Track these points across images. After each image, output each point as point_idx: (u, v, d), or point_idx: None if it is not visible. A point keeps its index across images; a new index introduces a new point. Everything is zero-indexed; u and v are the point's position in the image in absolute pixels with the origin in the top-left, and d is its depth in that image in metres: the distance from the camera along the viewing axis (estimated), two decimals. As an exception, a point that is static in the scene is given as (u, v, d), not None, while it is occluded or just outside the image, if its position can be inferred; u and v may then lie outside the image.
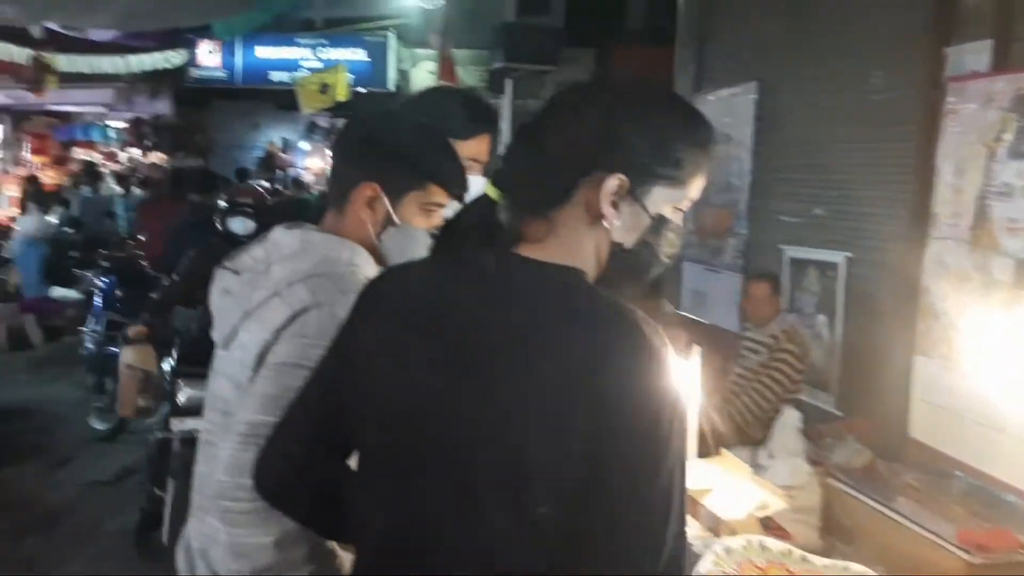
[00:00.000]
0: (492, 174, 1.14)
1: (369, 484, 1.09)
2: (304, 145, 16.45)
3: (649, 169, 1.05)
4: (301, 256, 1.41)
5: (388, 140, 1.49)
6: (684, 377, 2.04)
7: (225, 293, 1.48)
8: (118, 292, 5.81)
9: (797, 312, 4.17)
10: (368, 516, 1.09)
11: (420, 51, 11.37)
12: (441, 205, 1.51)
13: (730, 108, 5.05)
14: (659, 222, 1.07)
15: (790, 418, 3.02)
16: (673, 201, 1.09)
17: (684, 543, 0.99)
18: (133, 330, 4.76)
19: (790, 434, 2.98)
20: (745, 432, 3.48)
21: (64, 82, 10.53)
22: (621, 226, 1.05)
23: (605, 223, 1.04)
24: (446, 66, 9.14)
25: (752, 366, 3.77)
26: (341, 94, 10.28)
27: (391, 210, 1.46)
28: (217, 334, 1.48)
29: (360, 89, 11.16)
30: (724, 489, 2.07)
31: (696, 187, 1.10)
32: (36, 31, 8.81)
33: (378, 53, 11.98)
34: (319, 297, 1.33)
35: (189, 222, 5.72)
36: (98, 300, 5.89)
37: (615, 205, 1.03)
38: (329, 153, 14.73)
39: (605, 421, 0.91)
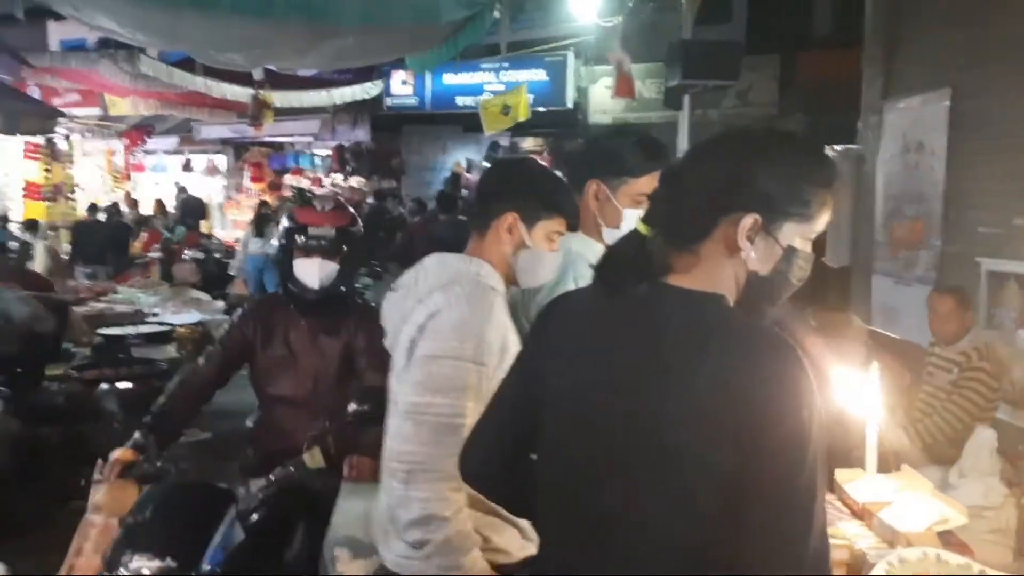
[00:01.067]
0: (643, 213, 1.33)
1: (548, 477, 1.32)
2: (486, 164, 17.19)
3: (781, 208, 1.21)
4: (440, 271, 1.79)
5: (527, 180, 1.87)
6: (861, 391, 2.10)
7: (390, 307, 1.87)
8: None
9: (996, 328, 3.96)
10: (548, 504, 1.32)
11: (598, 68, 11.62)
12: (561, 233, 1.86)
13: (921, 115, 4.86)
14: (790, 253, 1.23)
15: (984, 438, 2.93)
16: (802, 234, 1.24)
17: (827, 541, 1.14)
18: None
19: (984, 454, 2.89)
20: (935, 451, 3.37)
21: (278, 115, 11.77)
22: (757, 257, 1.22)
23: (743, 255, 1.21)
24: (624, 81, 9.27)
25: (942, 384, 3.62)
26: (522, 114, 10.72)
27: (525, 235, 1.80)
28: (387, 341, 1.88)
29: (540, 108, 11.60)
30: (903, 503, 2.09)
31: (822, 220, 1.25)
32: (257, 73, 9.95)
33: (557, 72, 12.37)
34: (450, 300, 1.70)
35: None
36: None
37: (751, 240, 1.20)
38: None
39: (751, 427, 1.08)
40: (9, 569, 3.02)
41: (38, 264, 8.44)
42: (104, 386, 4.81)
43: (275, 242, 3.05)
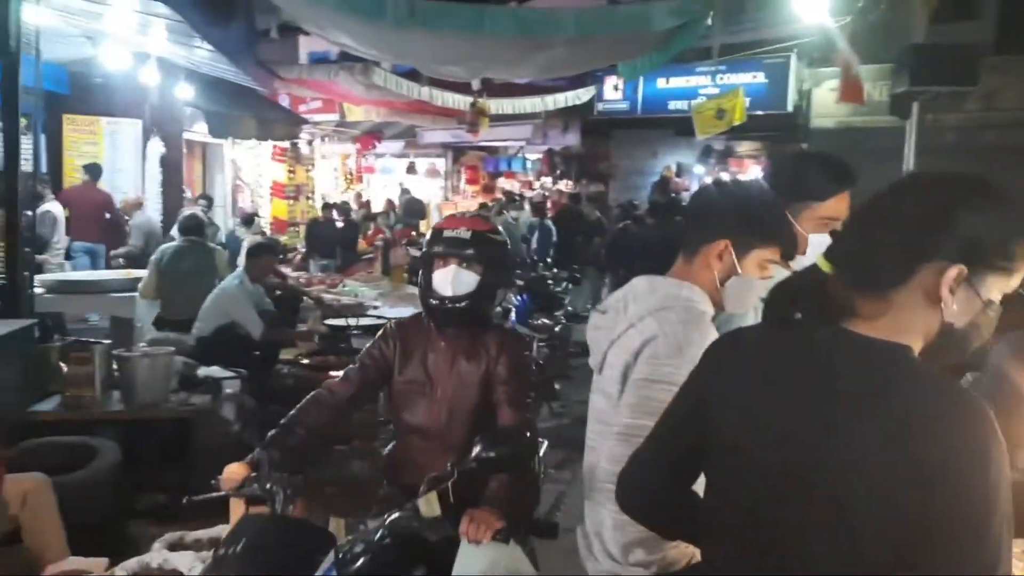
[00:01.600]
0: (826, 248, 1.28)
1: (718, 510, 1.32)
2: (699, 169, 16.84)
3: (987, 261, 1.15)
4: (649, 296, 1.77)
5: (742, 207, 1.78)
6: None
7: (596, 328, 1.88)
8: (530, 309, 6.65)
9: None
10: (717, 535, 1.32)
11: (822, 70, 10.98)
12: (775, 262, 1.77)
13: None
14: (988, 306, 1.17)
15: None
16: (1003, 288, 1.17)
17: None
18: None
19: None
20: None
21: (493, 121, 12.27)
22: (955, 310, 1.15)
23: (942, 306, 1.14)
24: (851, 85, 8.69)
25: None
26: (738, 118, 10.37)
27: (736, 263, 1.75)
28: (592, 360, 1.89)
29: (757, 112, 11.17)
30: None
31: (1021, 274, 1.18)
32: (475, 83, 10.43)
33: (777, 75, 11.84)
34: (664, 327, 1.69)
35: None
36: (513, 315, 6.81)
37: (952, 291, 1.14)
38: (723, 177, 14.84)
39: (932, 482, 1.03)
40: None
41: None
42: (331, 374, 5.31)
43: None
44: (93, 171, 8.77)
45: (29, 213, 5.44)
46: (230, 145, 12.86)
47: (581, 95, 12.53)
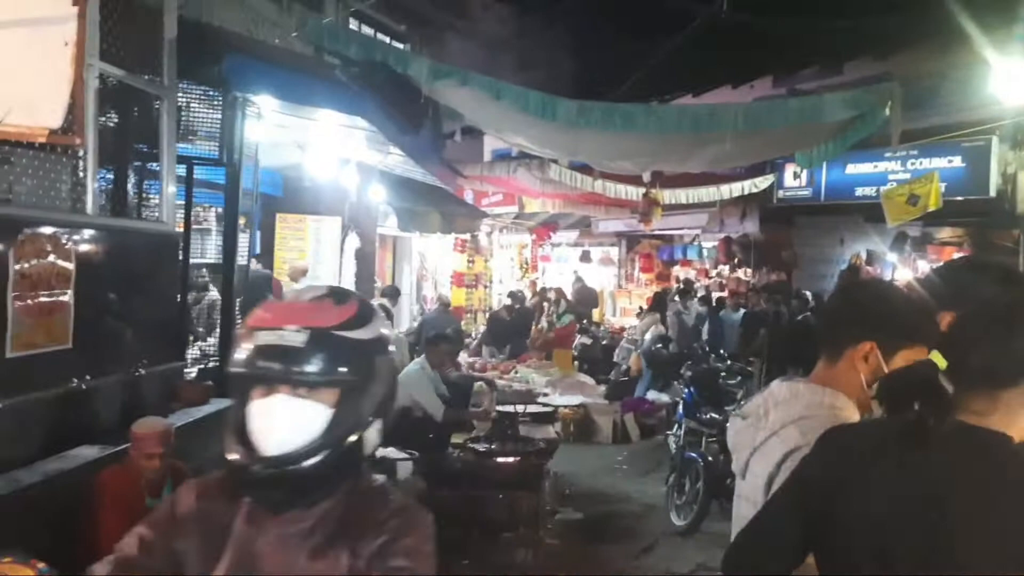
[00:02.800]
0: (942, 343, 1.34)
1: None
2: (892, 257, 15.87)
3: None
4: (791, 402, 1.74)
5: (887, 306, 1.76)
6: None
7: (737, 433, 1.88)
8: (697, 402, 6.50)
9: None
10: None
11: (1030, 152, 10.18)
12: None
13: None
14: None
15: None
16: None
17: None
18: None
19: None
20: None
21: (667, 210, 12.33)
22: None
23: None
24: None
25: None
26: (933, 203, 9.78)
27: (883, 364, 1.71)
28: (735, 466, 1.89)
29: (957, 198, 10.49)
30: None
31: None
32: (646, 176, 10.61)
33: (977, 158, 11.10)
34: (808, 437, 1.63)
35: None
36: (681, 408, 6.69)
37: None
38: (921, 265, 13.82)
39: None
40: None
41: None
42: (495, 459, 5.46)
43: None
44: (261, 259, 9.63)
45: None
46: (417, 238, 13.75)
47: (759, 183, 12.36)
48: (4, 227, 3.69)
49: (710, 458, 5.93)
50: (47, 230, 3.95)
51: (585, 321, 13.47)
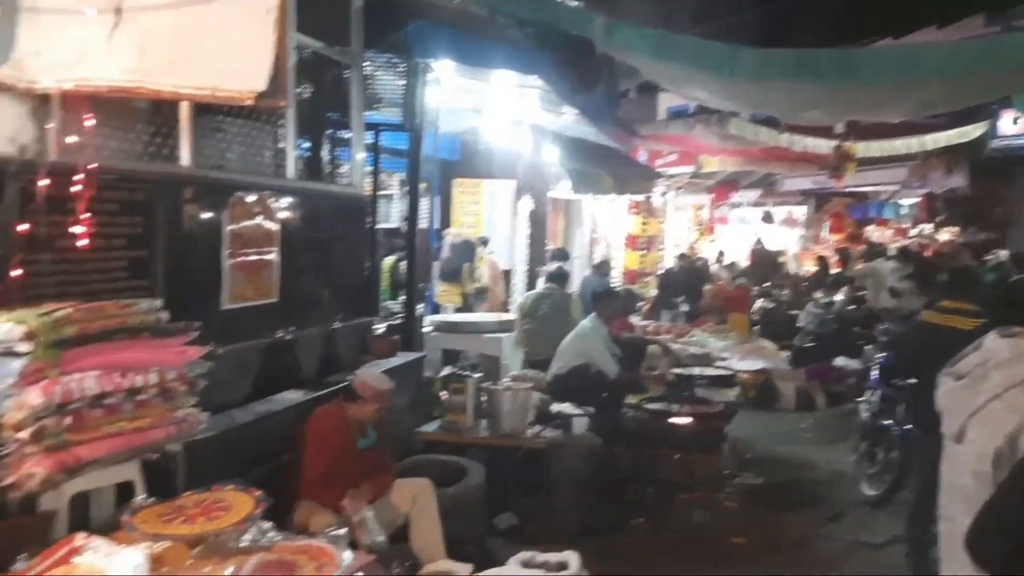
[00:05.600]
0: None
1: None
2: None
3: None
4: (1016, 363, 1.60)
5: None
6: None
7: (949, 395, 1.74)
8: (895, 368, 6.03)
9: None
10: None
11: None
12: None
13: None
14: None
15: None
16: None
17: None
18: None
19: None
20: None
21: (861, 165, 11.47)
22: None
23: None
24: None
25: None
26: None
27: None
28: (947, 428, 1.75)
29: None
30: None
31: None
32: (838, 127, 9.90)
33: None
34: None
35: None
36: (875, 373, 6.25)
37: None
38: None
39: None
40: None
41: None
42: (671, 420, 5.40)
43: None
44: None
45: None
46: (590, 200, 13.72)
47: (969, 132, 11.20)
48: (218, 191, 4.07)
49: (907, 426, 5.51)
50: (254, 194, 4.31)
51: (767, 284, 12.90)
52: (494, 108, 8.22)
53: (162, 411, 3.09)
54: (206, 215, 3.98)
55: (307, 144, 5.29)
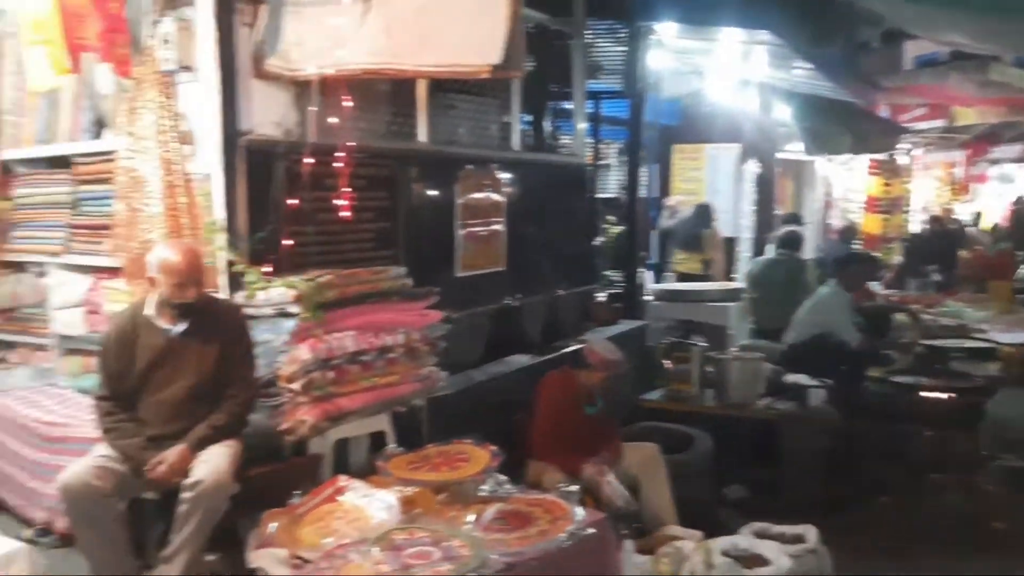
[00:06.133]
0: None
1: None
2: None
3: None
4: None
5: None
6: None
7: None
8: None
9: None
10: None
11: None
12: None
13: None
14: None
15: None
16: None
17: None
18: None
19: None
20: None
21: None
22: None
23: None
24: None
25: None
26: None
27: None
28: None
29: None
30: None
31: None
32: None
33: None
34: None
35: None
36: None
37: None
38: None
39: None
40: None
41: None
42: (921, 394, 4.96)
43: None
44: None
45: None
46: (822, 162, 12.84)
47: None
48: (451, 165, 4.30)
49: None
50: (482, 166, 4.50)
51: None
52: (719, 68, 7.93)
53: (408, 369, 3.36)
54: (440, 188, 4.22)
55: (530, 116, 5.41)
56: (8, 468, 3.54)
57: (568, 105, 5.91)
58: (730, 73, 8.13)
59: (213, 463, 2.68)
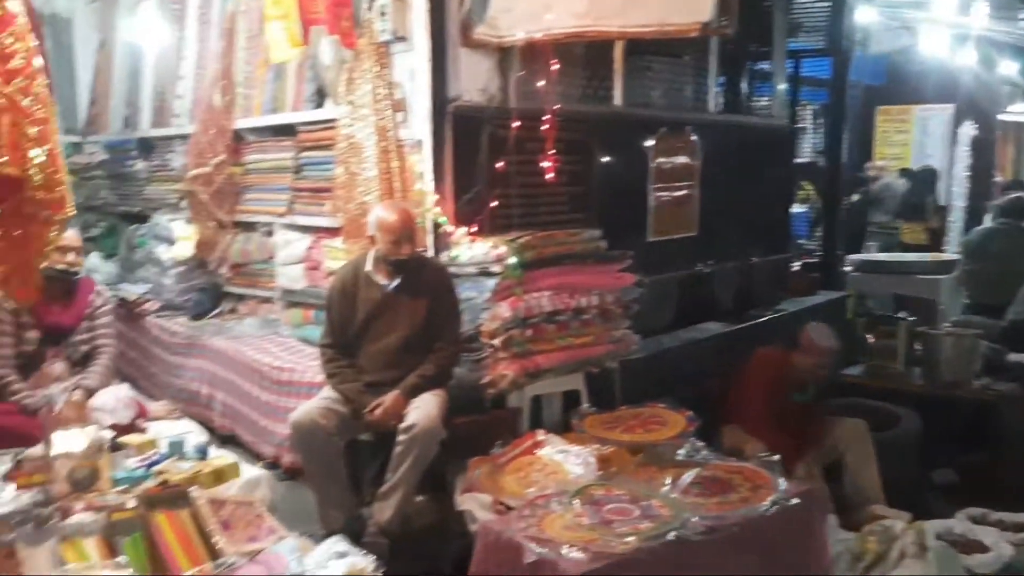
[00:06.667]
0: None
1: None
2: None
3: None
4: None
5: None
6: None
7: None
8: None
9: None
10: None
11: None
12: None
13: None
14: None
15: None
16: None
17: None
18: None
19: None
20: None
21: None
22: None
23: None
24: None
25: None
26: None
27: None
28: None
29: None
30: None
31: None
32: None
33: None
34: None
35: None
36: None
37: None
38: None
39: None
40: None
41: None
42: None
43: None
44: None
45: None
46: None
47: None
48: (645, 128, 4.26)
49: None
50: (677, 129, 4.42)
51: None
52: (932, 22, 7.27)
53: (602, 330, 3.41)
54: (634, 151, 4.20)
55: (727, 78, 5.23)
56: (241, 407, 3.95)
57: (766, 66, 5.66)
58: (945, 26, 7.42)
59: (425, 409, 2.86)
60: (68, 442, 2.38)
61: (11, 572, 1.97)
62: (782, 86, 5.52)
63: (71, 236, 3.25)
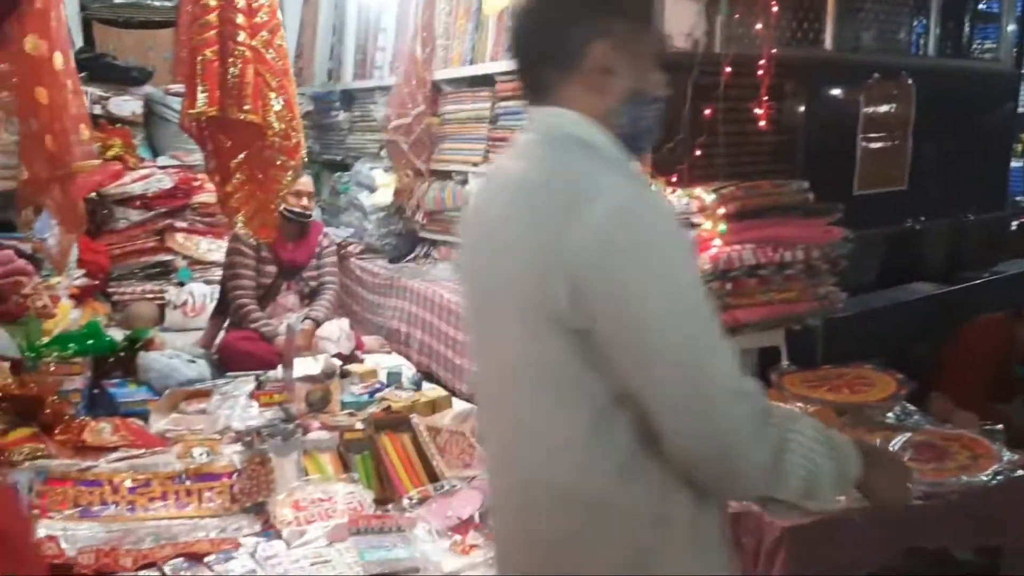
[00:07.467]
0: None
1: None
2: None
3: None
4: None
5: None
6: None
7: None
8: None
9: None
10: None
11: None
12: None
13: None
14: None
15: None
16: None
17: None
18: None
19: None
20: None
21: None
22: None
23: None
24: None
25: None
26: None
27: None
28: None
29: None
30: None
31: None
32: None
33: None
34: None
35: None
36: None
37: None
38: None
39: None
40: None
41: None
42: None
43: None
44: None
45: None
46: None
47: None
48: (856, 73, 4.00)
49: None
50: (891, 75, 4.12)
51: None
52: None
53: (806, 286, 3.28)
54: (843, 98, 3.96)
55: (948, 18, 4.79)
56: (437, 346, 4.17)
57: (994, 5, 5.13)
58: None
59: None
60: (305, 367, 2.61)
61: (265, 477, 2.22)
62: (1011, 27, 4.98)
63: (305, 182, 3.53)
